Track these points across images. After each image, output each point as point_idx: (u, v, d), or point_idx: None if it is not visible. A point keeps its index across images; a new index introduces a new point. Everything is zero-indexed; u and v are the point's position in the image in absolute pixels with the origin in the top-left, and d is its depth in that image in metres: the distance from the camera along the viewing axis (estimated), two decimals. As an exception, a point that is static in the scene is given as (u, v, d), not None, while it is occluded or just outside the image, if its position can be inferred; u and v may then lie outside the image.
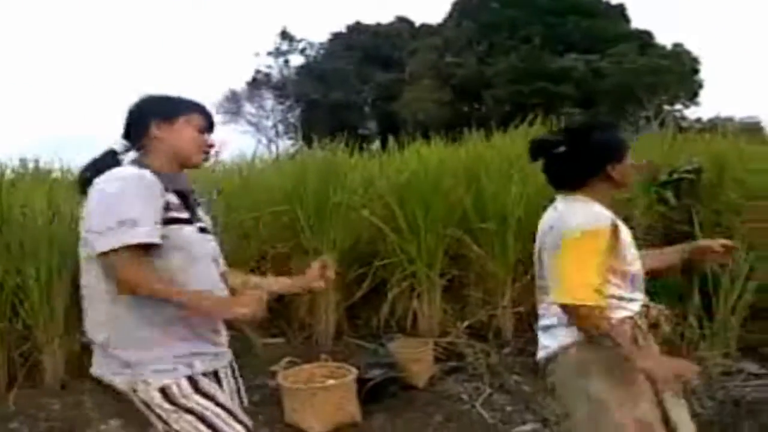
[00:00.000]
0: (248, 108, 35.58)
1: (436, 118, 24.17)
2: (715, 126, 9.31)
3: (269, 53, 35.94)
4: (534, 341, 2.00)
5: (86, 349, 3.58)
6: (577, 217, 1.78)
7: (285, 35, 36.01)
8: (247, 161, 5.98)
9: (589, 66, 27.35)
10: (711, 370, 3.45)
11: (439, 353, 4.13)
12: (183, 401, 1.66)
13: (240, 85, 36.06)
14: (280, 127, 34.49)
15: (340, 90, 31.73)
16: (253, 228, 4.76)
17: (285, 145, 28.07)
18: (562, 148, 1.88)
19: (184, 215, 1.71)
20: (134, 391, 1.68)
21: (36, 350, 4.06)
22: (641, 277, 1.91)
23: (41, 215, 4.03)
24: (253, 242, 4.68)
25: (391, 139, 6.15)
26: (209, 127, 1.85)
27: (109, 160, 1.76)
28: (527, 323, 4.40)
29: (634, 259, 1.88)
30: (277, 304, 4.65)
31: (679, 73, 26.87)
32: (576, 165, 1.88)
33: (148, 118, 1.76)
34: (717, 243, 2.06)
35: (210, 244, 1.80)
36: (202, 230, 1.78)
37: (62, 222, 3.98)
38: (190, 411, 1.66)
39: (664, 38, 33.36)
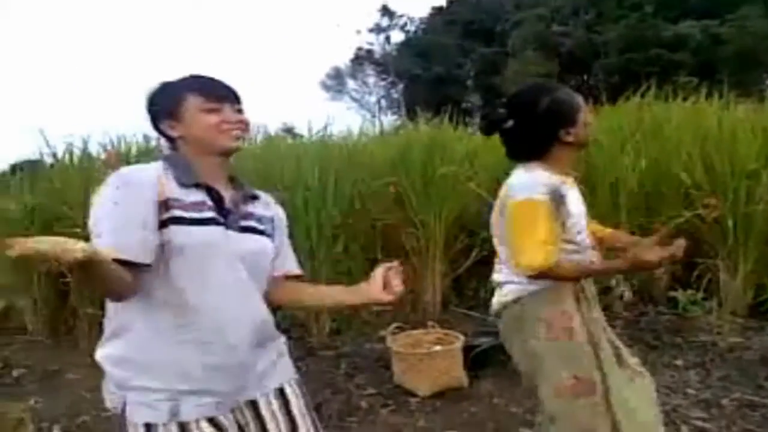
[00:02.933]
0: (351, 84, 36.15)
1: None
2: None
3: (370, 30, 36.25)
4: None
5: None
6: (519, 186, 1.83)
7: (386, 11, 36.16)
8: (353, 136, 6.11)
9: (707, 32, 25.61)
10: None
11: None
12: None
13: (343, 62, 36.65)
14: (383, 103, 34.80)
15: (441, 64, 31.53)
16: (359, 201, 4.88)
17: (389, 120, 28.29)
18: (510, 123, 1.89)
19: (192, 214, 1.42)
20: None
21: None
22: (589, 247, 1.92)
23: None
24: (361, 215, 4.80)
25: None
26: (219, 99, 1.51)
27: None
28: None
29: (582, 230, 1.89)
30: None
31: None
32: (527, 137, 1.88)
33: (157, 120, 1.54)
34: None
35: (238, 245, 1.46)
36: (244, 229, 1.50)
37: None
38: None
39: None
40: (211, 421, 1.41)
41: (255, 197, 1.60)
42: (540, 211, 1.76)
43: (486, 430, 2.93)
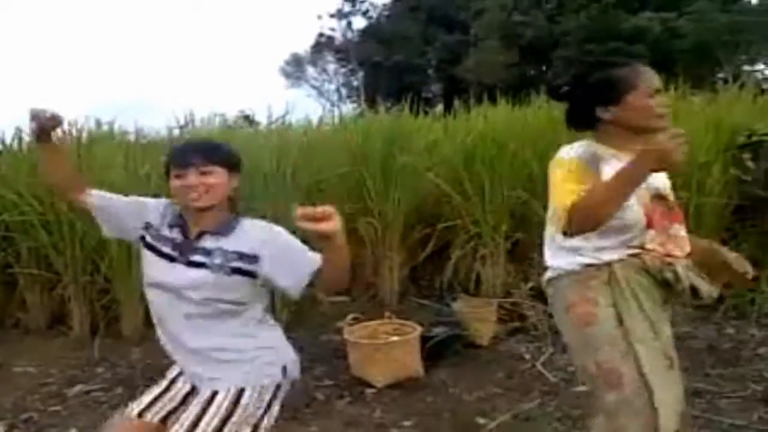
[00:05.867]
0: (311, 72, 35.80)
1: (502, 80, 23.65)
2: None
3: (332, 15, 35.91)
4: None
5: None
6: (560, 151, 1.83)
7: (348, -5, 35.84)
8: (312, 125, 6.03)
9: (665, 25, 26.09)
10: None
11: (502, 314, 4.15)
12: None
13: (303, 48, 36.28)
14: (343, 91, 34.60)
15: (403, 52, 31.41)
16: (318, 191, 4.84)
17: (348, 108, 28.15)
18: (563, 90, 1.94)
19: (160, 246, 1.86)
20: None
21: (116, 303, 4.32)
22: (640, 225, 1.80)
23: (119, 176, 4.22)
24: (319, 205, 4.73)
25: (456, 102, 6.09)
26: (183, 166, 1.80)
27: None
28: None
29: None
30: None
31: (765, 30, 25.28)
32: (571, 109, 1.92)
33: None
34: (741, 263, 1.86)
35: (181, 281, 1.80)
36: (192, 264, 1.80)
37: (139, 183, 4.17)
38: None
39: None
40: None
41: (226, 233, 1.82)
42: (569, 166, 1.76)
43: (442, 420, 2.95)
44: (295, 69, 35.43)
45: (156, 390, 1.94)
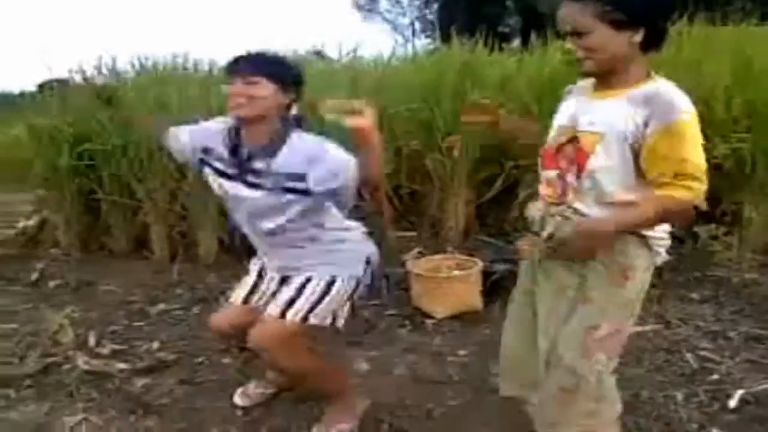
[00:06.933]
0: (384, 5, 35.01)
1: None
2: None
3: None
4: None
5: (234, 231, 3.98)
6: (683, 100, 1.59)
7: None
8: (383, 61, 5.99)
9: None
10: None
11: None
12: None
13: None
14: (417, 25, 33.80)
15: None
16: (388, 126, 4.84)
17: (422, 44, 27.58)
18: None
19: (220, 166, 2.00)
20: None
21: (192, 229, 4.55)
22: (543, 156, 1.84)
23: (195, 107, 4.34)
24: (389, 139, 4.77)
25: (533, 37, 5.88)
26: (230, 73, 1.87)
27: None
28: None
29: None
30: (410, 200, 4.82)
31: None
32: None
33: None
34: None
35: (247, 202, 1.97)
36: (249, 184, 1.93)
37: (213, 114, 4.28)
38: None
39: None
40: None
41: (273, 154, 1.88)
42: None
43: (497, 351, 3.00)
44: (367, 1, 34.75)
45: (249, 280, 2.21)
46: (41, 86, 5.69)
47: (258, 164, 1.90)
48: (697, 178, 1.50)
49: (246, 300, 2.18)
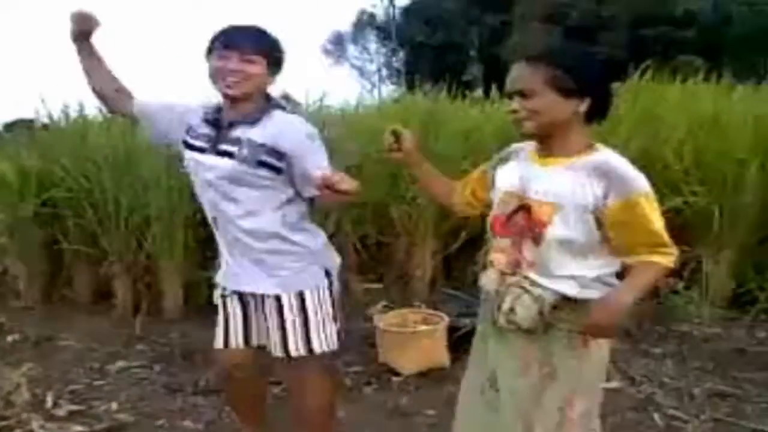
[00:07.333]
0: (352, 51, 35.64)
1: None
2: None
3: (374, -8, 35.60)
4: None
5: (204, 281, 3.90)
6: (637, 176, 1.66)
7: (392, -27, 35.41)
8: (350, 107, 6.05)
9: (718, 10, 25.22)
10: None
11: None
12: None
13: (345, 26, 36.10)
14: (384, 72, 34.39)
15: (445, 32, 31.05)
16: (355, 175, 4.83)
17: (388, 89, 28.03)
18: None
19: (196, 142, 1.92)
20: None
21: (157, 282, 4.46)
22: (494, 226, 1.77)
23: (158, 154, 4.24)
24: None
25: (495, 87, 6.01)
26: (227, 47, 1.78)
27: None
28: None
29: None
30: (376, 251, 4.82)
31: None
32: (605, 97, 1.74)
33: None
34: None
35: (215, 170, 1.86)
36: (220, 153, 1.85)
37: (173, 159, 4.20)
38: None
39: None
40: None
41: (254, 123, 1.85)
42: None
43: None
44: (336, 47, 35.33)
45: (221, 319, 2.09)
46: (8, 126, 5.61)
47: (236, 132, 1.85)
48: (668, 245, 1.59)
49: (226, 344, 2.08)
